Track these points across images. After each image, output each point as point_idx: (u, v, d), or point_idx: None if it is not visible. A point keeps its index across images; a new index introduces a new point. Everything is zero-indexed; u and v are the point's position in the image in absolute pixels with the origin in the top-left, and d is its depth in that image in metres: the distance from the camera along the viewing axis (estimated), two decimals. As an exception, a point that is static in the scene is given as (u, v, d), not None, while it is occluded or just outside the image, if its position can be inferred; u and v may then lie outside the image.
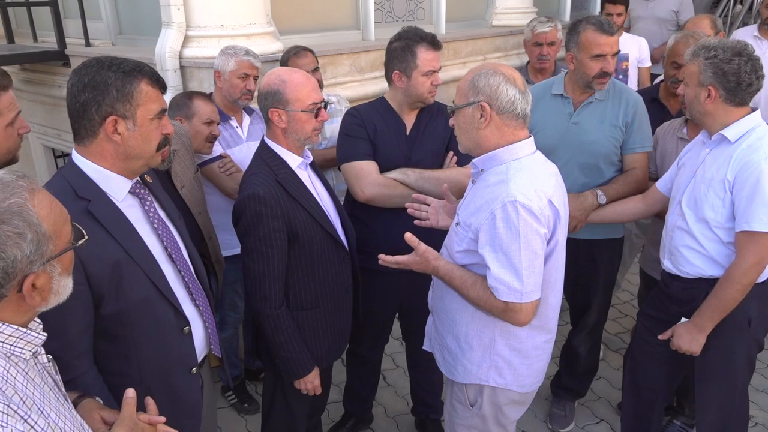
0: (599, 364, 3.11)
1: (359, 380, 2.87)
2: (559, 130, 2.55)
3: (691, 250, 2.12)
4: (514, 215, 1.61)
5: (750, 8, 6.24)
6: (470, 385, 1.91)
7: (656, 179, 2.49)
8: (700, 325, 2.11)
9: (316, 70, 3.01)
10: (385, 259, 1.85)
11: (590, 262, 2.73)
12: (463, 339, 1.87)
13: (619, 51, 2.49)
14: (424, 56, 2.30)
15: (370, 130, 2.39)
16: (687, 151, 2.27)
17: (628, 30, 4.79)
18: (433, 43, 2.32)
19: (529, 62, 3.96)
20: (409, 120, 2.44)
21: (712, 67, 1.98)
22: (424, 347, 2.14)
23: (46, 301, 1.10)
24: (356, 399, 2.92)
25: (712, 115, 2.05)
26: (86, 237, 1.16)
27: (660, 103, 3.03)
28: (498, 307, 1.70)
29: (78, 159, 1.52)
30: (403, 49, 2.32)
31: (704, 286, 2.12)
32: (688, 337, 2.13)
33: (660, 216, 2.45)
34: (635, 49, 4.27)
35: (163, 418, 1.36)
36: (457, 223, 1.83)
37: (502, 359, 1.84)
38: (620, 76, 3.89)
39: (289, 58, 3.02)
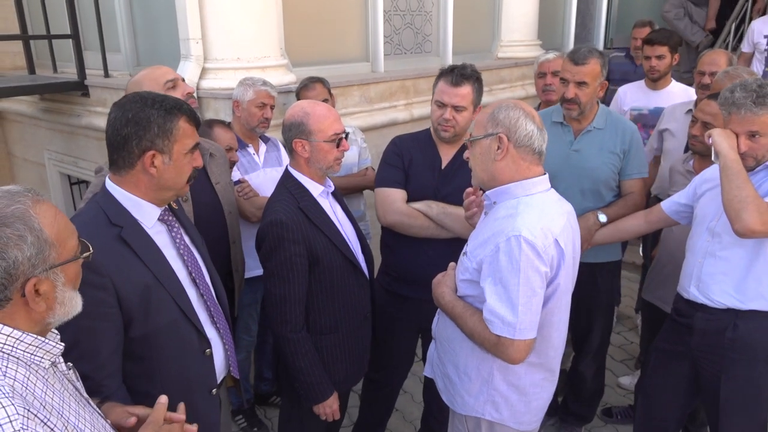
0: (605, 390, 3.14)
1: (374, 406, 2.87)
2: (561, 156, 2.65)
3: (725, 276, 2.10)
4: (516, 249, 1.60)
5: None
6: (470, 417, 1.89)
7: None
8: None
9: (325, 101, 3.08)
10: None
11: (592, 285, 2.77)
12: (463, 369, 1.87)
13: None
14: (440, 87, 2.39)
15: (405, 160, 2.46)
16: (707, 180, 2.28)
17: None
18: (452, 77, 2.35)
19: (540, 104, 3.60)
20: (447, 154, 2.48)
21: None
22: (425, 373, 2.15)
23: (52, 310, 1.13)
24: (369, 425, 2.92)
25: None
26: (92, 251, 1.20)
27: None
28: (491, 341, 1.68)
29: (112, 187, 1.60)
30: (436, 78, 2.43)
31: (732, 317, 2.10)
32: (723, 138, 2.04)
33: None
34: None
35: (182, 416, 1.38)
36: (464, 253, 1.85)
37: (500, 394, 1.82)
38: None
39: (300, 90, 3.13)
